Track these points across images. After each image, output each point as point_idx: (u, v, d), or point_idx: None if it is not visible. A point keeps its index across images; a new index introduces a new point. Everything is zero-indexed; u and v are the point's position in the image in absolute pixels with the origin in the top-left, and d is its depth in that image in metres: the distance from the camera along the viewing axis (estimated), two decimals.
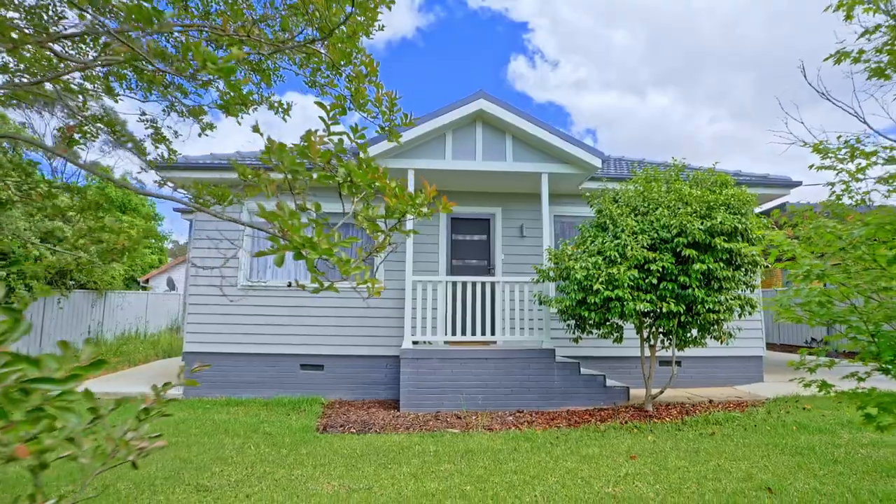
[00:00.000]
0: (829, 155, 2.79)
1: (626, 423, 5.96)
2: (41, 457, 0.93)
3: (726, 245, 5.73)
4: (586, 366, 7.74)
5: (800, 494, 3.61)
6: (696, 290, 5.83)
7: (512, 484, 4.02)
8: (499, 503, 3.64)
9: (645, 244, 5.99)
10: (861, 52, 2.28)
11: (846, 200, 3.20)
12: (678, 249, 5.91)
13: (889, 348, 1.81)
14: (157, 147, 2.69)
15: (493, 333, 7.41)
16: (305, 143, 1.21)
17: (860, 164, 2.84)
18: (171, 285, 21.57)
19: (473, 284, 7.58)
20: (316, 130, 1.24)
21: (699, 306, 5.88)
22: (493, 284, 7.63)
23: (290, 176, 1.25)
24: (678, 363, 8.36)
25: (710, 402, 7.15)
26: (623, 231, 6.09)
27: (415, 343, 7.26)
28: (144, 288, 20.96)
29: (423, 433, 5.75)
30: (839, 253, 1.83)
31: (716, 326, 6.27)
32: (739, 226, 5.79)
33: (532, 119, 7.38)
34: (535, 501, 3.66)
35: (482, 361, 6.96)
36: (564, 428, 5.88)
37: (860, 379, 2.24)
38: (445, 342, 7.58)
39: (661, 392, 6.69)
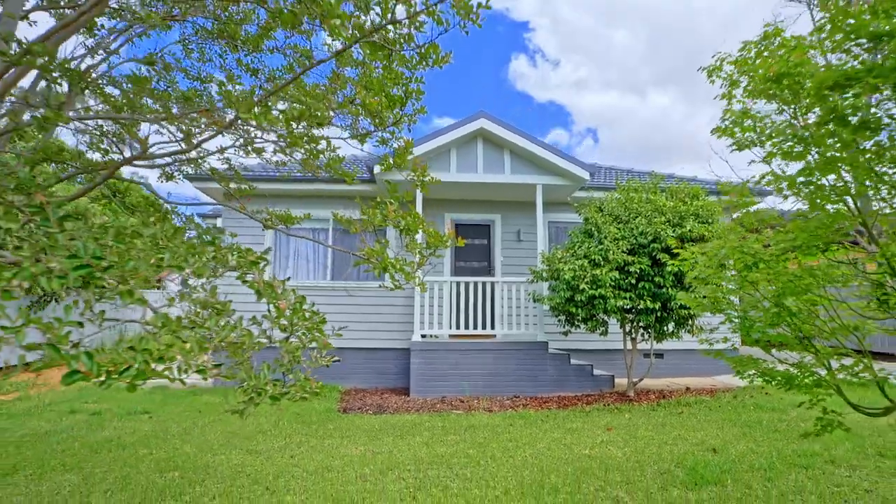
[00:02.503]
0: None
1: (608, 405, 6.83)
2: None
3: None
4: (576, 357, 8.61)
5: (737, 453, 4.48)
6: (670, 289, 6.69)
7: (507, 448, 4.90)
8: (496, 461, 4.51)
9: (625, 249, 6.85)
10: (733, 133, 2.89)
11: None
12: (654, 253, 6.77)
13: (745, 329, 2.68)
14: (239, 184, 3.47)
15: (492, 328, 8.28)
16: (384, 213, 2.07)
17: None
18: (185, 285, 22.38)
19: (475, 284, 8.44)
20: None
21: (672, 303, 6.74)
22: (492, 284, 8.49)
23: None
24: (660, 356, 9.23)
25: (687, 389, 8.01)
26: (606, 237, 6.96)
27: (423, 336, 8.13)
28: (157, 287, 21.86)
29: (431, 413, 6.62)
30: (719, 268, 2.69)
31: (689, 322, 7.14)
32: (706, 233, 6.64)
33: (528, 136, 8.25)
34: (526, 459, 4.54)
35: (483, 353, 7.84)
36: (555, 409, 6.75)
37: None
38: (450, 335, 8.45)
39: (641, 380, 7.56)
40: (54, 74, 1.84)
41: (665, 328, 7.24)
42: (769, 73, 1.91)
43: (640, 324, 7.30)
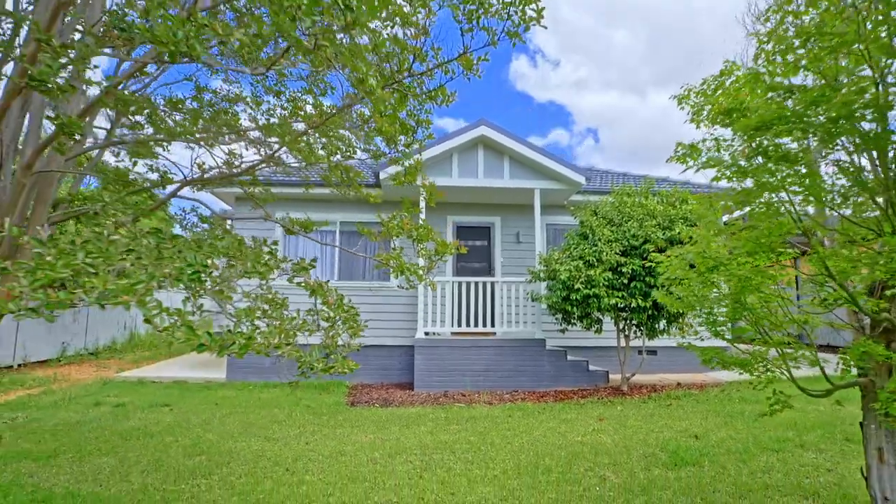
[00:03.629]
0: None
1: (602, 398, 7.22)
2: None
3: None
4: (572, 354, 9.00)
5: (717, 439, 4.87)
6: (660, 288, 7.07)
7: (505, 436, 5.29)
8: (495, 447, 4.91)
9: (618, 250, 7.24)
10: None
11: None
12: (645, 255, 7.15)
13: (709, 323, 3.07)
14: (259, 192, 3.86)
15: (492, 325, 8.67)
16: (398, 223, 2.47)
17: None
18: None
19: (476, 284, 8.83)
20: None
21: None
22: (492, 284, 8.88)
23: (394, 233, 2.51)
24: (654, 352, 9.61)
25: (678, 384, 8.39)
26: (600, 239, 7.35)
27: (426, 334, 8.52)
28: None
29: (434, 406, 7.02)
30: (689, 269, 3.08)
31: (679, 319, 7.53)
32: (695, 236, 7.02)
33: (526, 143, 8.64)
34: (522, 445, 4.93)
35: (483, 349, 8.23)
36: (551, 402, 7.15)
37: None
38: (452, 333, 8.84)
39: (633, 375, 7.94)
40: (130, 109, 2.24)
41: (656, 326, 7.62)
42: (721, 108, 2.29)
43: (633, 321, 7.68)
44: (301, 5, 1.43)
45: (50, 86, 1.46)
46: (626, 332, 7.88)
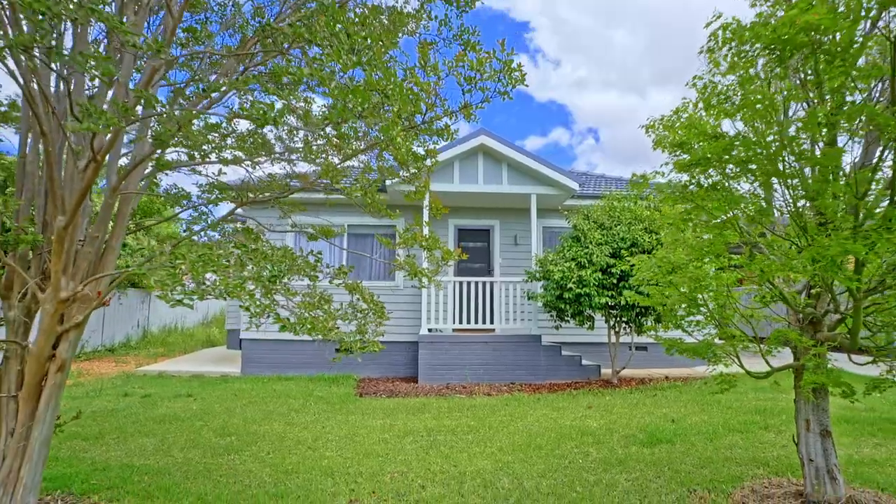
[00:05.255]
0: None
1: (592, 390, 7.78)
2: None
3: None
4: (566, 349, 9.56)
5: (692, 423, 5.43)
6: (632, 289, 7.63)
7: (502, 421, 5.85)
8: (493, 429, 5.47)
9: (608, 252, 7.80)
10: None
11: None
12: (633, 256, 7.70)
13: (669, 317, 3.64)
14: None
15: (491, 322, 9.23)
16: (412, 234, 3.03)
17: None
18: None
19: (476, 283, 9.39)
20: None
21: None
22: (491, 283, 9.44)
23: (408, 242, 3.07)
24: (644, 348, 10.17)
25: (666, 377, 8.95)
26: (591, 242, 7.91)
27: (430, 330, 9.09)
28: None
29: (437, 397, 7.58)
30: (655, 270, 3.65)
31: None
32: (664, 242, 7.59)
33: (523, 151, 9.20)
34: (517, 429, 5.49)
35: (483, 345, 8.79)
36: (546, 393, 7.71)
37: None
38: (454, 329, 9.40)
39: (623, 368, 8.51)
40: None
41: (645, 323, 8.17)
42: (674, 141, 2.83)
43: (623, 319, 8.24)
44: (363, 111, 1.97)
45: (167, 141, 2.02)
46: (616, 329, 8.43)
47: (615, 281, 7.71)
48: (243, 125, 3.83)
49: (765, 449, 4.46)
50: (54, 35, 2.55)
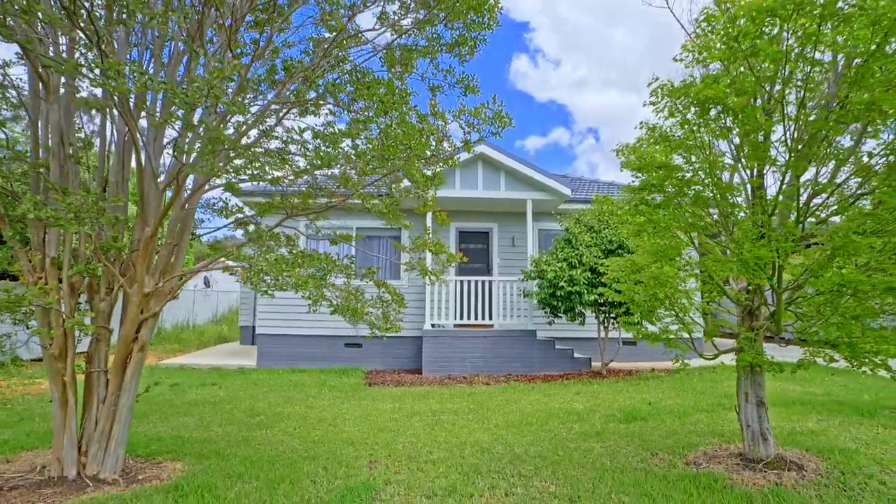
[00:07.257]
0: None
1: (582, 379, 8.49)
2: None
3: None
4: (560, 343, 10.26)
5: (666, 405, 6.13)
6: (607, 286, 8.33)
7: (499, 404, 6.56)
8: (490, 411, 6.18)
9: (597, 253, 8.50)
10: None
11: None
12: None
13: (637, 309, 4.35)
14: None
15: (490, 318, 9.94)
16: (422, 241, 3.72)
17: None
18: (207, 283, 24.10)
19: (476, 282, 10.09)
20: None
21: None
22: (490, 282, 10.15)
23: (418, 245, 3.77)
24: (633, 343, 10.86)
25: (652, 370, 9.65)
26: (581, 244, 8.61)
27: (433, 325, 9.80)
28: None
29: (440, 386, 8.29)
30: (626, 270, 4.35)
31: (651, 314, 8.78)
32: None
33: (520, 159, 9.90)
34: (512, 410, 6.20)
35: (482, 339, 9.50)
36: (539, 383, 8.41)
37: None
38: (455, 325, 10.11)
39: (612, 361, 9.21)
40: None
41: (632, 319, 8.86)
42: (635, 165, 3.52)
43: (612, 315, 8.94)
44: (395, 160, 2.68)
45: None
46: (605, 325, 9.14)
47: (603, 280, 8.41)
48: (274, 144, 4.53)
49: (724, 424, 5.16)
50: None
